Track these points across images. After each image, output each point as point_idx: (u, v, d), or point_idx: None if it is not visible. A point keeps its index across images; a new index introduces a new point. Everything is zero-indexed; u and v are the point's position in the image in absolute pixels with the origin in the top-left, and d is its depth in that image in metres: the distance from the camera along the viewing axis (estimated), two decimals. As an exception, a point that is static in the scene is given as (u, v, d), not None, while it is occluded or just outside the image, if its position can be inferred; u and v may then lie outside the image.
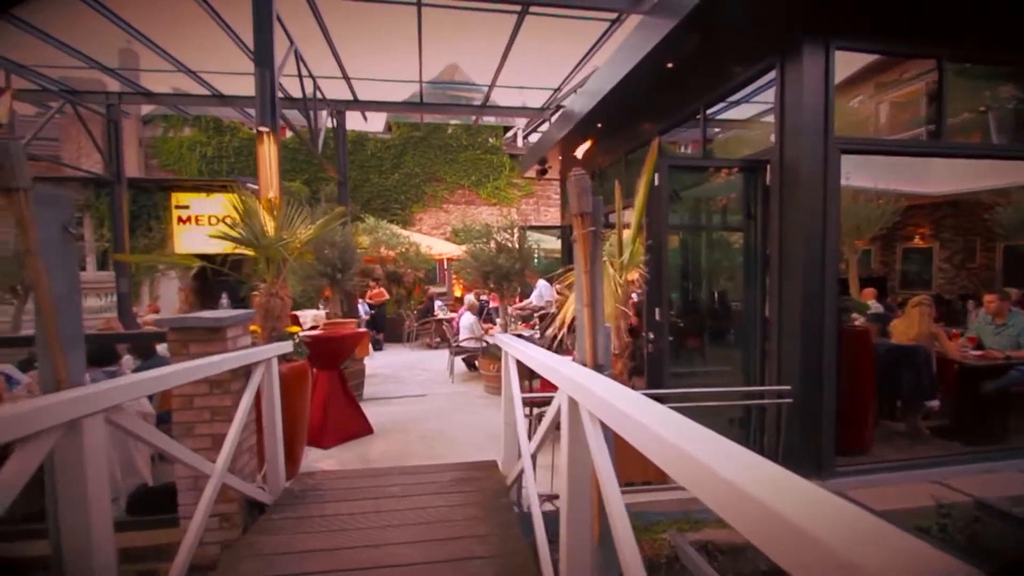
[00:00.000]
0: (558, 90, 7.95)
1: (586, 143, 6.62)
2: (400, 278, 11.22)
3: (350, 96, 8.04)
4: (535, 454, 2.44)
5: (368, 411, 5.02)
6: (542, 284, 10.12)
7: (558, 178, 9.67)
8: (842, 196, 3.65)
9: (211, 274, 3.89)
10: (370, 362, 7.61)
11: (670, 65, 4.23)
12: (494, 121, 14.29)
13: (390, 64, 7.26)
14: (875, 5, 3.47)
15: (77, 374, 1.73)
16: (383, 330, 10.42)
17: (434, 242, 12.64)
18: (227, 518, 2.58)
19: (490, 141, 14.71)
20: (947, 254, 8.96)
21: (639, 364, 4.26)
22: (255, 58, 4.66)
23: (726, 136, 5.00)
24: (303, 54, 6.40)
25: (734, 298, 4.44)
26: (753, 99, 4.23)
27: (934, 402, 4.34)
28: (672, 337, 3.93)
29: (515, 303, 9.52)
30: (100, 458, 1.58)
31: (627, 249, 3.59)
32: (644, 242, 3.77)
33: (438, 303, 11.46)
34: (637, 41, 4.28)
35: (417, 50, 6.45)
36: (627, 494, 1.37)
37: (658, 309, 3.86)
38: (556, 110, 8.29)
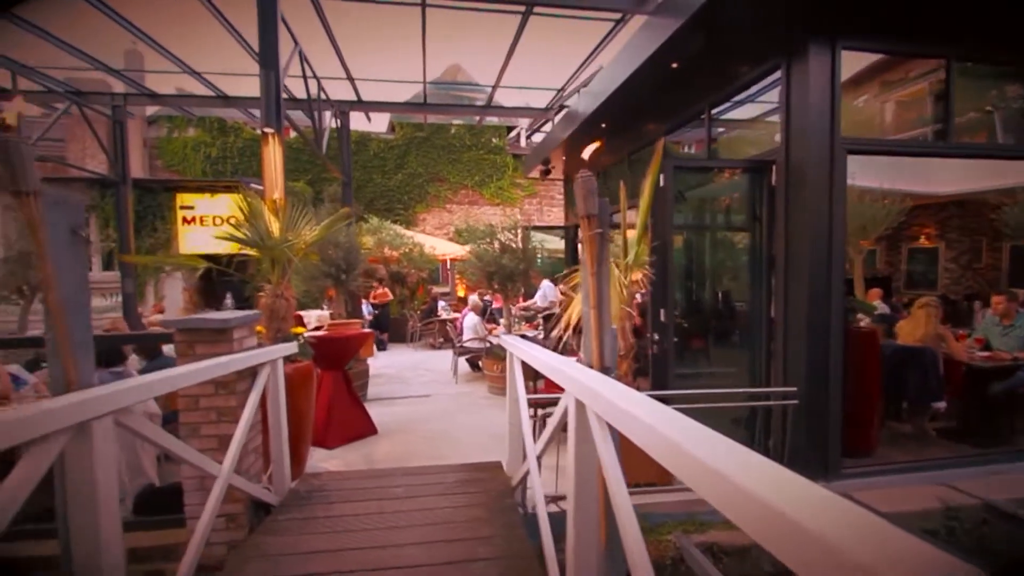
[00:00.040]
0: (562, 90, 7.94)
1: (594, 144, 6.59)
2: (404, 278, 11.24)
3: (354, 97, 8.04)
4: (540, 456, 2.44)
5: (372, 411, 5.02)
6: (546, 285, 10.12)
7: (561, 178, 9.66)
8: (848, 196, 3.64)
9: (215, 274, 3.90)
10: (374, 362, 7.62)
11: (675, 65, 4.22)
12: (497, 121, 14.29)
13: (394, 64, 7.28)
14: (881, 4, 3.45)
15: (87, 376, 1.73)
16: (387, 330, 10.43)
17: (438, 242, 12.65)
18: (233, 518, 2.59)
19: (493, 141, 14.73)
20: (953, 254, 8.90)
21: (643, 365, 4.25)
22: (260, 59, 4.67)
23: (731, 136, 4.98)
24: (307, 55, 6.40)
25: (739, 299, 4.42)
26: (758, 99, 4.21)
27: (941, 403, 4.31)
28: (677, 338, 3.91)
29: (519, 303, 9.52)
30: (109, 460, 1.58)
31: (632, 250, 3.59)
32: (649, 243, 3.76)
33: (442, 303, 11.47)
34: (642, 41, 4.27)
35: (421, 50, 6.44)
36: (631, 495, 1.37)
37: (663, 310, 3.85)
38: (560, 110, 8.28)
